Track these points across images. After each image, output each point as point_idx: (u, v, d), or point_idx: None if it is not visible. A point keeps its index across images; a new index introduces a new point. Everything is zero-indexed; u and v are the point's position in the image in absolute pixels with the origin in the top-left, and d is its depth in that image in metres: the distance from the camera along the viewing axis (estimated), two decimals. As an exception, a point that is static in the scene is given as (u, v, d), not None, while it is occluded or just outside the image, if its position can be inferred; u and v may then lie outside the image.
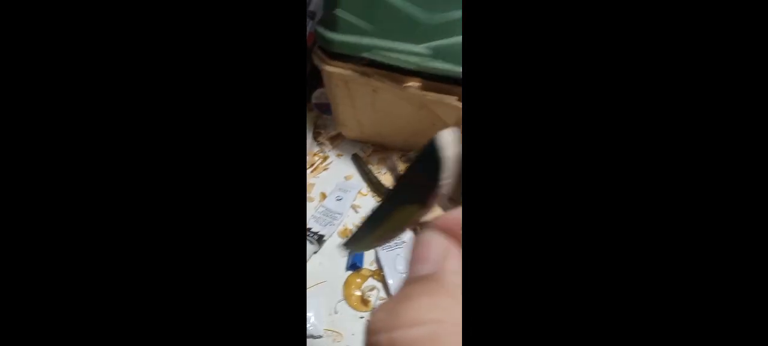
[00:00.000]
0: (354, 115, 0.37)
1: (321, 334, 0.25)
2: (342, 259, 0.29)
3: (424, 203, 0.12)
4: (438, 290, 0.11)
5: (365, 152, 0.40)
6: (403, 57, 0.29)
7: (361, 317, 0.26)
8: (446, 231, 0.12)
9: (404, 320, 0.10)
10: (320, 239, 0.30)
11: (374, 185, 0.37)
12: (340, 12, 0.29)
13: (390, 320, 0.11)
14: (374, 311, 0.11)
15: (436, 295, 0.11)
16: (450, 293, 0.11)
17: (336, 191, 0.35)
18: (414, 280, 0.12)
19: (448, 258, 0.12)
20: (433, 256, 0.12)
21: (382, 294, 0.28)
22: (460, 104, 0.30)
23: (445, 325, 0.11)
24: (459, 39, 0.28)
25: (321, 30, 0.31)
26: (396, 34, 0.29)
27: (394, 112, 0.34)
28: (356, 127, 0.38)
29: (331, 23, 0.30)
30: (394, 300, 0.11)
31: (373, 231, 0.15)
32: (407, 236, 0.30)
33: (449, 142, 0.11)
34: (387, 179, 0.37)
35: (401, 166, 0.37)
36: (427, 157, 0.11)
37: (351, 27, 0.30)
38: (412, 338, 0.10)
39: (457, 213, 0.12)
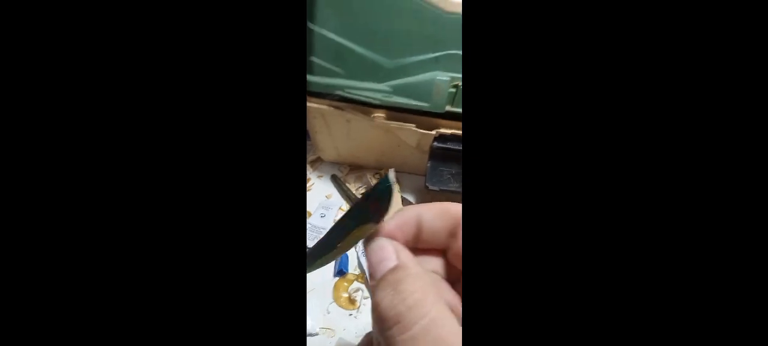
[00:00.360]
0: (331, 142, 0.42)
1: (317, 332, 0.30)
2: (329, 267, 0.34)
3: (377, 221, 0.15)
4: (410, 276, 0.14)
5: (342, 172, 0.45)
6: (370, 94, 0.35)
7: (350, 315, 0.31)
8: (389, 235, 0.15)
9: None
10: (309, 252, 0.35)
11: (351, 200, 0.42)
12: (315, 58, 0.35)
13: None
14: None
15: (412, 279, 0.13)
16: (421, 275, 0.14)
17: (319, 209, 0.40)
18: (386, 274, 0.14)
19: (400, 251, 0.15)
20: (389, 254, 0.14)
21: (366, 293, 0.33)
22: (417, 129, 0.37)
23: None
24: (414, 78, 0.34)
25: (298, 73, 0.36)
26: (363, 75, 0.35)
27: (365, 138, 0.40)
28: (333, 151, 0.44)
29: (307, 67, 0.36)
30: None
31: (329, 249, 0.17)
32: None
33: (394, 178, 0.15)
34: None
35: (373, 182, 0.43)
36: (381, 188, 0.15)
37: (325, 70, 0.35)
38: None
39: (391, 223, 0.15)
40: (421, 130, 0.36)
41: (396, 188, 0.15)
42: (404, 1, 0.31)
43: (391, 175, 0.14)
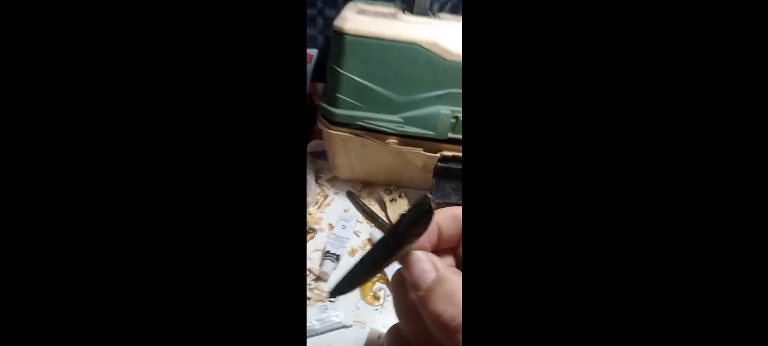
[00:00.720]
0: (348, 162, 0.49)
1: (351, 324, 0.35)
2: (354, 271, 0.40)
3: (415, 240, 0.15)
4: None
5: (356, 188, 0.52)
6: (385, 124, 0.43)
7: (376, 309, 0.37)
8: (421, 247, 0.16)
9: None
10: (337, 258, 0.41)
11: (367, 213, 0.48)
12: (340, 95, 0.42)
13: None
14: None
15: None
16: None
17: (340, 222, 0.46)
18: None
19: (436, 262, 0.15)
20: (428, 266, 0.15)
21: (387, 292, 0.39)
22: (424, 153, 0.44)
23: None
24: (421, 111, 0.42)
25: (325, 105, 0.43)
26: (379, 109, 0.42)
27: (379, 159, 0.47)
28: (349, 170, 0.50)
29: (333, 101, 0.43)
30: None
31: (374, 269, 0.17)
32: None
33: (433, 204, 0.15)
34: (376, 208, 0.49)
35: (386, 198, 0.50)
36: (421, 211, 0.15)
37: (348, 104, 0.42)
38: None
39: (424, 238, 0.15)
40: (427, 153, 0.44)
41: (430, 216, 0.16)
42: (415, 51, 0.39)
43: (430, 200, 0.15)
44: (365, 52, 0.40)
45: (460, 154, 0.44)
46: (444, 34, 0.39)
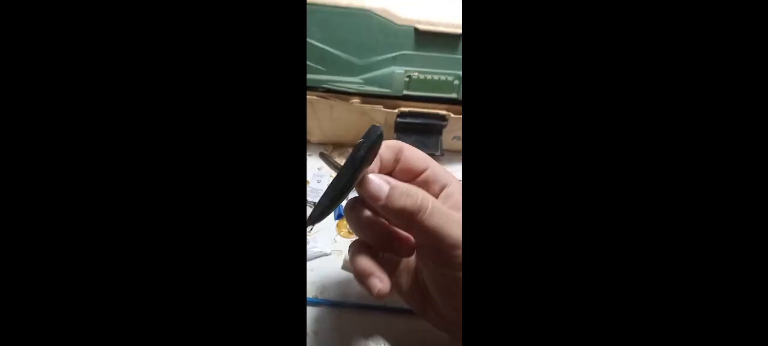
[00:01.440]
0: (318, 125, 0.54)
1: (330, 252, 0.42)
2: (331, 216, 0.47)
3: (370, 162, 0.19)
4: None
5: (328, 150, 0.57)
6: (347, 85, 0.48)
7: (350, 241, 0.44)
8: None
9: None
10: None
11: (337, 169, 0.54)
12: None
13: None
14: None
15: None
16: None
17: (315, 177, 0.52)
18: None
19: (387, 179, 0.20)
20: (382, 182, 0.19)
21: (360, 227, 0.46)
22: (384, 109, 0.50)
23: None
24: (378, 72, 0.48)
25: (291, 73, 0.48)
26: (341, 72, 0.47)
27: (345, 119, 0.53)
28: (319, 133, 0.55)
29: (298, 68, 0.47)
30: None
31: (334, 201, 0.19)
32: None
33: (381, 127, 0.19)
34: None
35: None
36: (374, 136, 0.18)
37: (312, 69, 0.47)
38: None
39: (373, 165, 0.20)
40: (387, 110, 0.50)
41: (381, 140, 0.19)
42: (368, 17, 0.44)
43: (378, 125, 0.19)
44: (323, 20, 0.44)
45: (416, 109, 0.51)
46: (394, 0, 0.45)
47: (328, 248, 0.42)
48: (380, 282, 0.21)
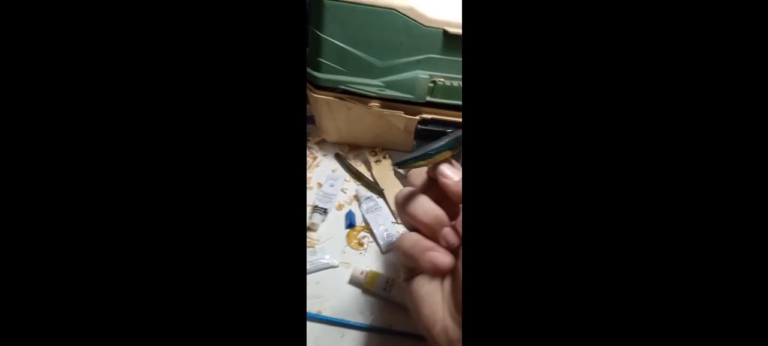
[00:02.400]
0: (334, 125, 0.52)
1: (337, 264, 0.41)
2: (341, 221, 0.45)
3: (454, 151, 0.19)
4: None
5: (344, 151, 0.56)
6: (366, 88, 0.45)
7: (360, 253, 0.43)
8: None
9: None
10: (325, 212, 0.46)
11: (353, 173, 0.52)
12: (322, 59, 0.44)
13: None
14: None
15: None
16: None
17: (328, 180, 0.51)
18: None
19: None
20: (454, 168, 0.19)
21: (370, 239, 0.44)
22: (404, 116, 0.47)
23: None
24: (401, 76, 0.44)
25: (309, 70, 0.45)
26: (361, 73, 0.45)
27: (362, 122, 0.50)
28: (336, 133, 0.54)
29: (316, 66, 0.45)
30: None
31: (421, 159, 0.20)
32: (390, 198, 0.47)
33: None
34: (362, 168, 0.53)
35: (371, 159, 0.54)
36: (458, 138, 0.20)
37: (331, 69, 0.45)
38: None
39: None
40: (407, 116, 0.47)
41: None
42: (393, 16, 0.41)
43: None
44: (344, 17, 0.41)
45: (439, 116, 0.48)
46: (420, 0, 0.41)
47: (335, 260, 0.41)
48: (443, 256, 0.19)
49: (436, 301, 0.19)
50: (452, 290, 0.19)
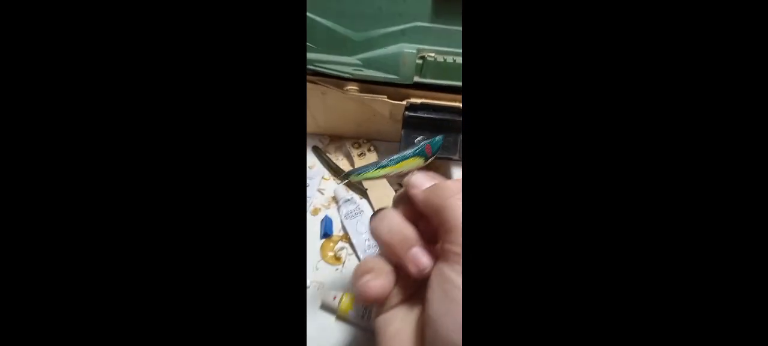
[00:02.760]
0: (309, 113, 0.44)
1: (309, 285, 0.34)
2: (315, 230, 0.38)
3: (426, 160, 0.19)
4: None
5: (323, 143, 0.48)
6: (340, 67, 0.37)
7: (336, 269, 0.36)
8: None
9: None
10: (296, 219, 0.39)
11: (333, 169, 0.45)
12: (284, 35, 0.36)
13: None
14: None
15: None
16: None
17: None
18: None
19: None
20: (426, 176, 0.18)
21: (349, 250, 0.38)
22: (389, 100, 0.39)
23: None
24: (381, 51, 0.36)
25: (270, 49, 0.37)
26: (333, 49, 0.36)
27: (341, 109, 0.42)
28: (312, 123, 0.46)
29: (278, 44, 0.37)
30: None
31: (380, 168, 0.19)
32: (365, 206, 0.40)
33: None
34: (344, 163, 0.46)
35: (354, 152, 0.46)
36: (438, 140, 0.19)
37: (296, 46, 0.36)
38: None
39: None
40: (392, 101, 0.39)
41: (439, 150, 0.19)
42: (367, -27, 0.32)
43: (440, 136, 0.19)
44: (308, -22, 0.32)
45: (431, 101, 0.39)
46: (404, -51, 0.32)
47: (306, 278, 0.34)
48: (375, 280, 0.18)
49: (401, 341, 0.16)
50: (416, 327, 0.17)
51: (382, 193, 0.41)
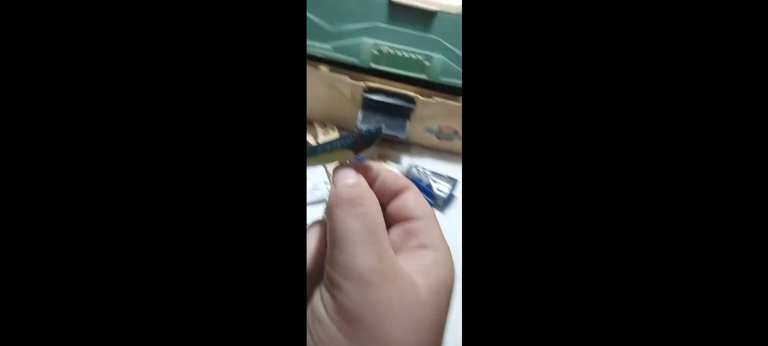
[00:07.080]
0: (287, 93, 0.53)
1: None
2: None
3: (356, 152, 0.18)
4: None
5: (295, 124, 0.55)
6: (316, 51, 0.47)
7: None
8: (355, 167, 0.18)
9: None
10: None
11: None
12: (277, 22, 0.47)
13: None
14: None
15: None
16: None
17: (269, 141, 0.49)
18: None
19: (360, 179, 0.17)
20: (352, 175, 0.17)
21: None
22: (350, 80, 0.48)
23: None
24: (349, 41, 0.46)
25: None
26: (313, 37, 0.47)
27: (313, 94, 0.51)
28: (289, 104, 0.54)
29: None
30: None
31: (314, 153, 0.18)
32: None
33: (382, 133, 0.18)
34: (314, 143, 0.52)
35: (320, 131, 0.53)
36: (373, 132, 0.18)
37: (284, 31, 0.47)
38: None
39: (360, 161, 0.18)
40: (352, 82, 0.47)
41: (377, 140, 0.18)
42: (343, -16, 0.44)
43: (383, 130, 0.19)
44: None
45: (387, 87, 0.48)
46: (370, -28, 0.45)
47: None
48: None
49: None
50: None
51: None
